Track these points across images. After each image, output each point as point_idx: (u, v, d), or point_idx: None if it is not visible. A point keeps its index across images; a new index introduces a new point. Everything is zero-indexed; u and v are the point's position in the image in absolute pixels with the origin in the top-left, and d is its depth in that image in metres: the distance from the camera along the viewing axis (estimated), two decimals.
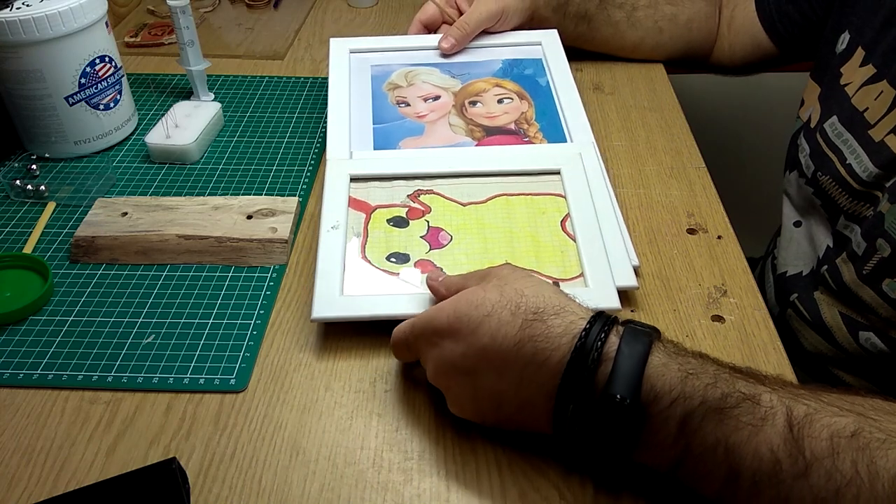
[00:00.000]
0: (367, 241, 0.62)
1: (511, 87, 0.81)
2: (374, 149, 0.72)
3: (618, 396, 0.39)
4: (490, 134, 0.75)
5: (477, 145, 0.74)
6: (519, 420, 0.46)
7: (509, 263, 0.52)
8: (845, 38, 0.71)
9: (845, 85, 0.69)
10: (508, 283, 0.46)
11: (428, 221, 0.64)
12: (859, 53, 0.68)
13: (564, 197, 0.65)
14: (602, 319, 0.43)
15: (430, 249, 0.61)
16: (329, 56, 0.83)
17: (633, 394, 0.39)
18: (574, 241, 0.61)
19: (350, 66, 0.82)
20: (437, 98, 0.80)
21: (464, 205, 0.65)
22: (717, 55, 0.92)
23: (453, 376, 0.46)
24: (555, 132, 0.75)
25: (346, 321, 0.56)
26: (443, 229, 0.63)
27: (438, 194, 0.66)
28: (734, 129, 1.40)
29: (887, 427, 0.37)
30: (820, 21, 0.77)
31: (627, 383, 0.40)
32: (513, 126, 0.76)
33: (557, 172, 0.67)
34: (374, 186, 0.67)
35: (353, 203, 0.65)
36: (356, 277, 0.59)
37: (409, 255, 0.61)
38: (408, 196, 0.66)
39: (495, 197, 0.66)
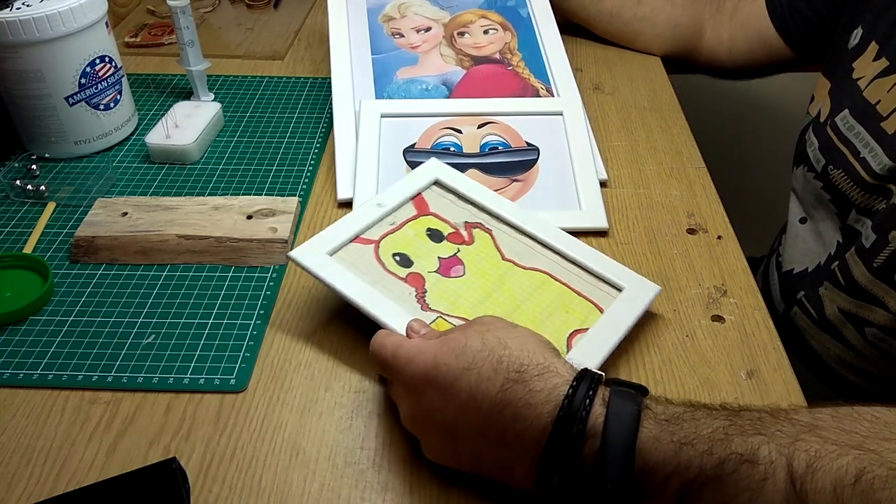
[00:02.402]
0: (394, 232, 0.60)
1: (495, 19, 0.89)
2: (374, 77, 0.80)
3: (609, 485, 0.38)
4: (477, 63, 0.84)
5: (465, 74, 0.81)
6: (500, 476, 0.44)
7: (496, 316, 0.48)
8: (858, 33, 0.71)
9: (857, 79, 0.69)
10: (491, 330, 0.44)
11: (458, 250, 0.60)
12: (872, 48, 0.68)
13: (602, 313, 0.56)
14: (587, 380, 0.41)
15: (435, 271, 0.58)
16: None
17: (626, 475, 0.38)
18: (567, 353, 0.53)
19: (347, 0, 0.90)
20: (428, 29, 0.88)
21: (503, 259, 0.60)
22: (713, 47, 0.91)
23: (430, 427, 0.45)
24: (536, 63, 0.84)
25: (312, 275, 0.56)
26: (463, 264, 0.59)
27: (491, 236, 0.61)
28: (734, 129, 1.40)
29: (888, 458, 0.36)
30: (833, 18, 0.78)
31: (619, 465, 0.38)
32: (498, 55, 0.85)
33: (620, 289, 0.57)
34: (448, 198, 0.64)
35: (417, 202, 0.63)
36: (353, 252, 0.58)
37: (413, 262, 0.58)
38: (465, 221, 0.62)
39: (537, 271, 0.59)
